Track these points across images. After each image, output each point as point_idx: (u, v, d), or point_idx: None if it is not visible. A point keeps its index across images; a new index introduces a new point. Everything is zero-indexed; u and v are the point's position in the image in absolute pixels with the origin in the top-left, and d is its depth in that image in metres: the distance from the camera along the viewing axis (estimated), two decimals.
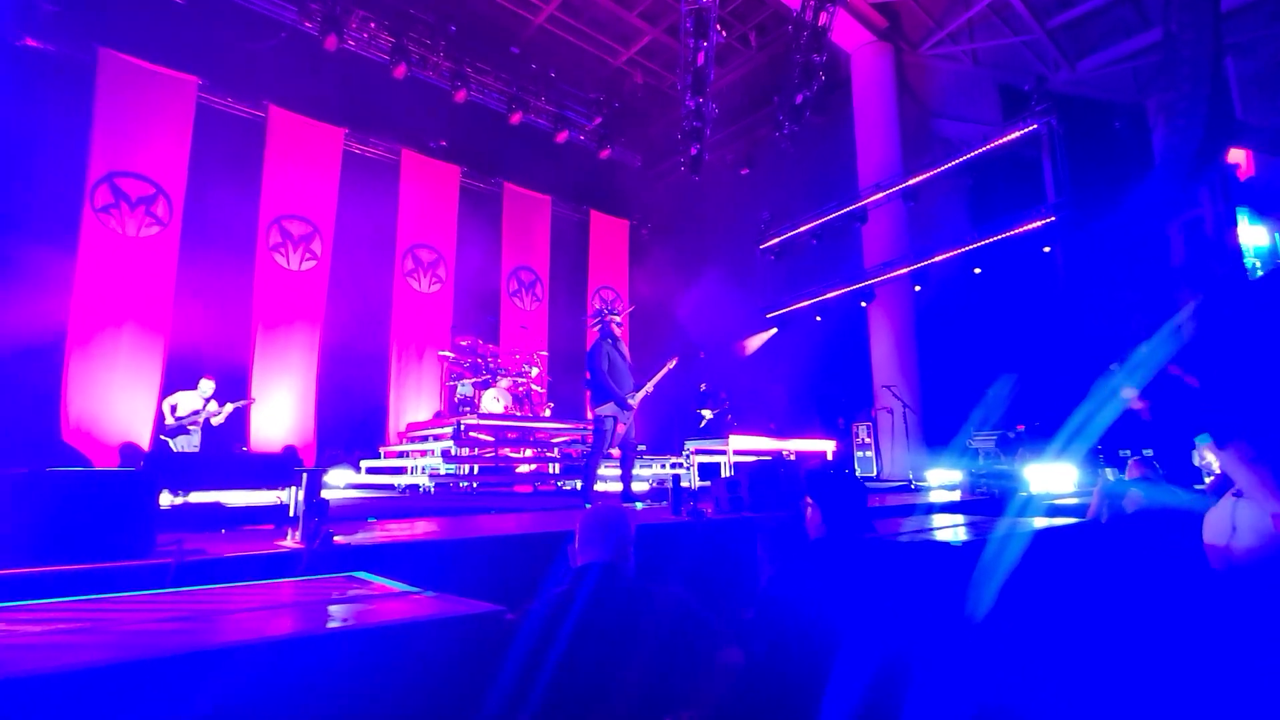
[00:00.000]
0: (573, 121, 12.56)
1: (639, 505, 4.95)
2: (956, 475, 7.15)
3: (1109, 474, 5.43)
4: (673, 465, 8.61)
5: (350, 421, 9.92)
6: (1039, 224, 8.40)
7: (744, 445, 8.11)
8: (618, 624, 1.51)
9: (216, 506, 3.65)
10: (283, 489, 3.60)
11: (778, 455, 8.11)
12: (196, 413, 7.34)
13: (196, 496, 4.59)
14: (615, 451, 5.44)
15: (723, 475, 7.29)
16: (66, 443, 7.59)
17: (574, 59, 12.32)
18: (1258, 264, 8.81)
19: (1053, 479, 5.88)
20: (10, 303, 7.42)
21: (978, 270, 9.11)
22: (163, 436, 7.25)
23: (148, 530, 2.30)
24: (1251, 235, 8.94)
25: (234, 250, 9.24)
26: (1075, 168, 8.30)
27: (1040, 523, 3.74)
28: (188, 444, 7.28)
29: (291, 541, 2.57)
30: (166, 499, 4.17)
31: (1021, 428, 7.93)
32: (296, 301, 9.68)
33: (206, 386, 7.44)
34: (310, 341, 9.71)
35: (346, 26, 9.97)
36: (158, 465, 5.98)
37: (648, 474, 8.63)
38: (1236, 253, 8.58)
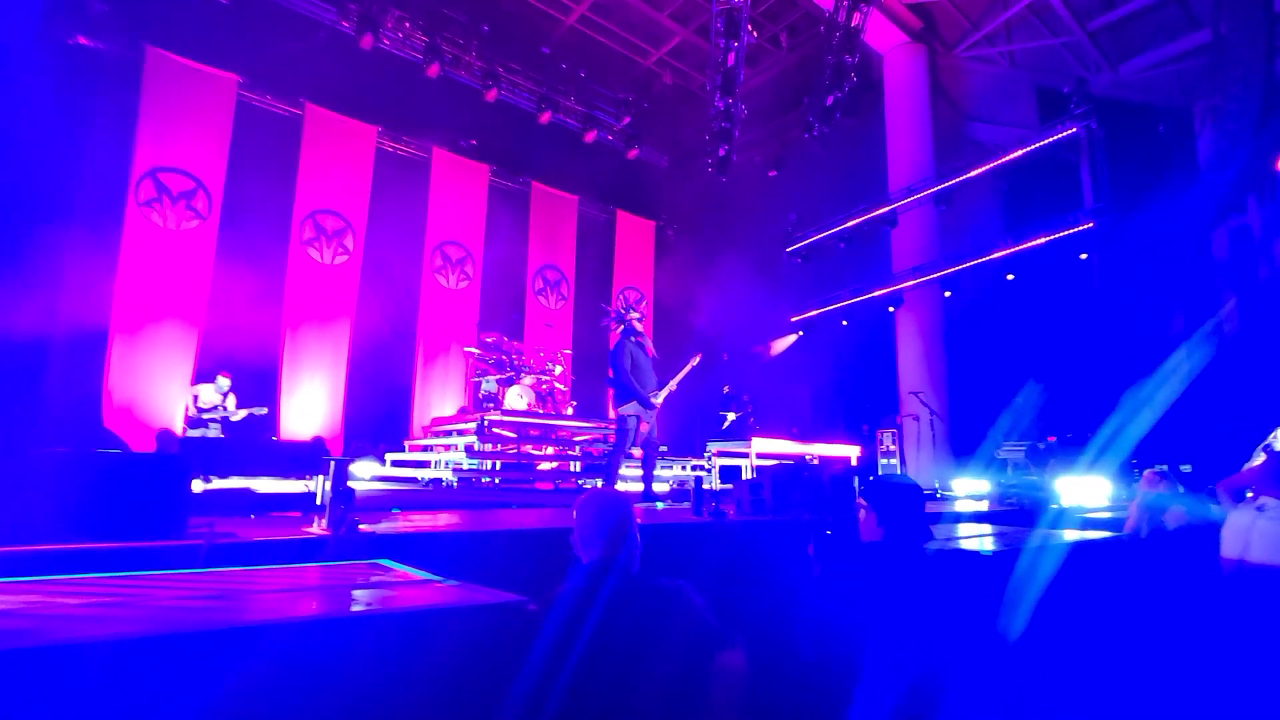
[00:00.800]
0: (601, 121, 12.60)
1: (659, 505, 4.94)
2: (984, 485, 7.00)
3: (1141, 491, 5.27)
4: (694, 467, 8.58)
5: (376, 415, 10.09)
6: (1076, 230, 8.19)
7: (766, 449, 8.05)
8: (639, 621, 1.49)
9: (247, 492, 3.75)
10: (310, 478, 3.68)
11: (800, 459, 8.03)
12: (216, 407, 7.51)
13: (228, 483, 4.71)
14: (637, 451, 5.43)
15: (744, 478, 7.24)
16: (107, 428, 7.85)
17: (604, 59, 12.36)
18: None
19: (1085, 492, 5.73)
20: (58, 292, 7.70)
21: (1010, 277, 8.91)
22: (186, 426, 7.46)
23: (181, 512, 2.36)
24: None
25: (269, 244, 9.47)
26: (1115, 172, 8.07)
27: (1073, 535, 3.63)
28: (212, 434, 7.47)
29: (318, 528, 2.62)
30: (199, 484, 4.28)
31: (1053, 439, 7.73)
32: (328, 296, 9.88)
33: (223, 383, 7.62)
34: (340, 335, 9.90)
35: (382, 26, 10.15)
36: (191, 451, 6.15)
37: (669, 475, 8.61)
38: None
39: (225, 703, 1.11)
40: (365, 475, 8.16)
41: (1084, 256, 8.20)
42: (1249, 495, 2.38)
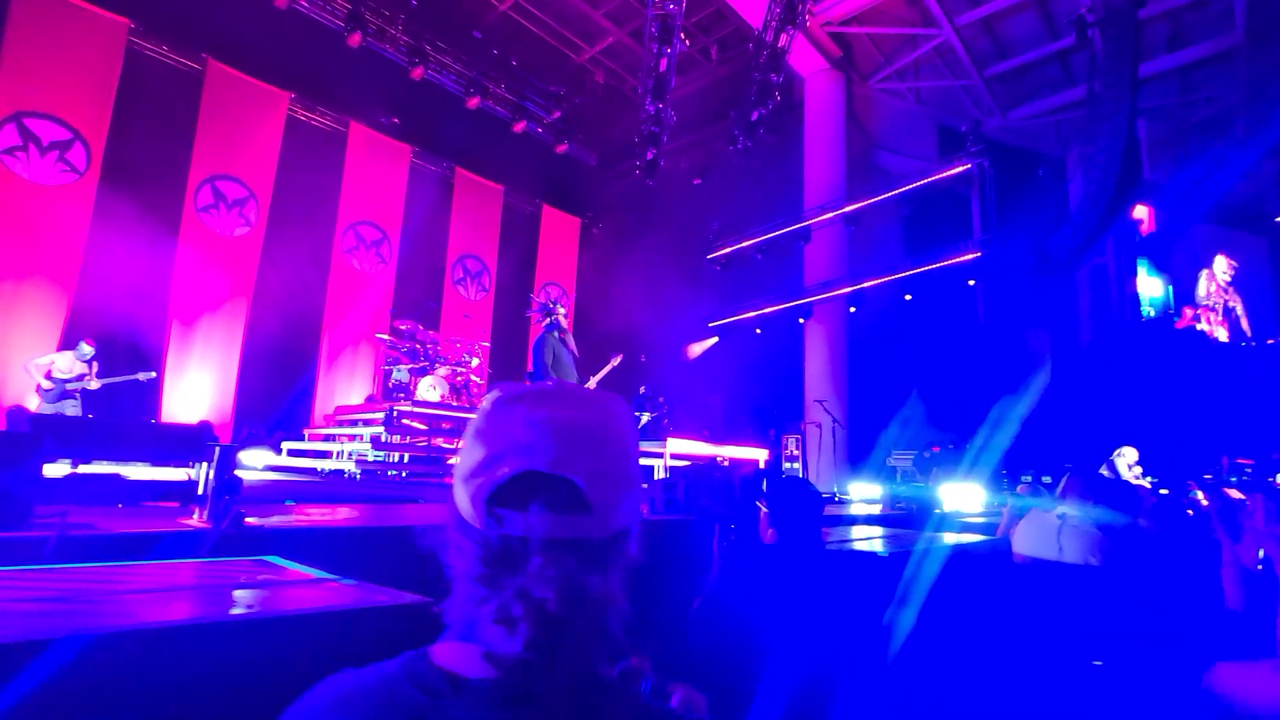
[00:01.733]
0: (531, 113, 12.40)
1: None
2: (877, 490, 7.49)
3: (1010, 497, 5.82)
4: None
5: (274, 401, 9.41)
6: (965, 258, 8.93)
7: (680, 449, 8.22)
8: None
9: (115, 479, 3.41)
10: (193, 465, 3.40)
11: (712, 461, 8.26)
12: (82, 377, 6.73)
13: (94, 468, 4.27)
14: None
15: (658, 477, 7.37)
16: None
17: (536, 50, 12.18)
18: (1151, 312, 9.68)
19: (963, 498, 6.24)
20: None
21: (909, 296, 9.59)
22: (41, 402, 6.57)
23: (25, 500, 2.12)
24: (1149, 285, 9.83)
25: (158, 208, 8.59)
26: (1001, 208, 8.89)
27: (953, 539, 3.97)
28: (70, 410, 6.66)
29: (197, 520, 2.44)
30: (59, 469, 3.86)
31: (937, 448, 8.39)
32: (225, 269, 9.13)
33: (85, 350, 6.82)
34: (236, 313, 9.19)
35: None
36: (45, 430, 5.51)
37: None
38: (1135, 300, 9.41)
39: None
40: (257, 465, 7.61)
41: (971, 283, 8.96)
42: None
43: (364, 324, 10.42)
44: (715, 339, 12.02)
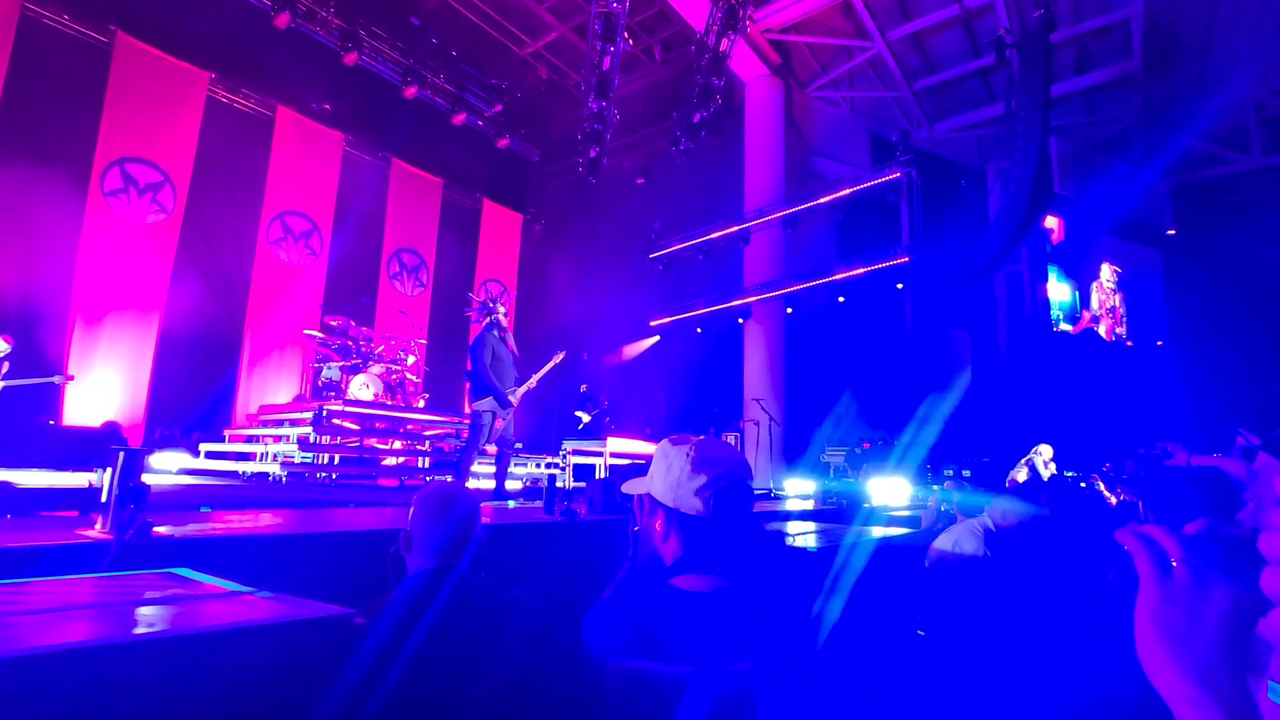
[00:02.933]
0: (472, 105, 12.14)
1: (511, 504, 4.89)
2: (810, 486, 7.75)
3: (936, 490, 6.15)
4: (548, 465, 8.57)
5: (191, 400, 8.86)
6: (894, 262, 9.35)
7: (621, 448, 8.25)
8: (472, 631, 1.37)
9: (6, 487, 3.14)
10: (95, 470, 3.16)
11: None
12: None
13: None
14: (491, 448, 5.32)
15: (598, 477, 7.37)
16: None
17: (478, 41, 11.93)
18: (1060, 315, 10.44)
19: (891, 492, 6.54)
20: None
21: (841, 299, 9.96)
22: None
23: None
24: (1057, 290, 10.59)
25: (61, 192, 7.93)
26: (927, 215, 9.35)
27: (880, 532, 4.16)
28: None
29: (99, 531, 2.28)
30: None
31: (867, 445, 8.76)
32: (136, 258, 8.52)
33: (2, 346, 6.28)
34: (150, 306, 8.60)
35: None
36: None
37: (522, 473, 8.52)
38: (1045, 304, 10.12)
39: None
40: (171, 468, 7.15)
41: (900, 286, 9.39)
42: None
43: (292, 319, 9.93)
44: (656, 338, 12.12)
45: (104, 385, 8.08)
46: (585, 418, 9.60)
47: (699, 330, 11.50)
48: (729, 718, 0.96)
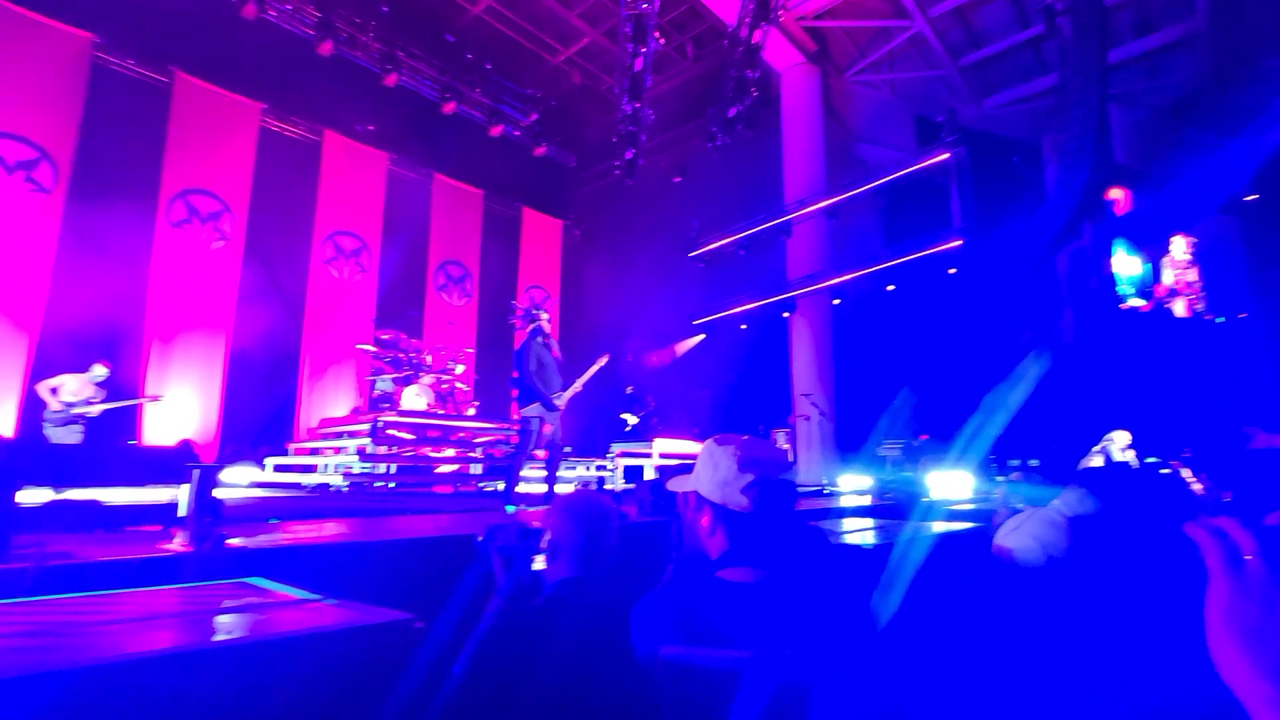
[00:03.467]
0: (508, 116, 12.35)
1: None
2: (866, 481, 7.54)
3: (1001, 482, 5.88)
4: (598, 468, 8.62)
5: (257, 417, 9.30)
6: (946, 247, 9.01)
7: (669, 449, 8.23)
8: (605, 639, 1.36)
9: (93, 505, 3.34)
10: (174, 487, 3.34)
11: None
12: (89, 401, 6.59)
13: (71, 494, 4.17)
14: (541, 453, 5.38)
15: (647, 478, 7.36)
16: None
17: (511, 53, 12.12)
18: (1130, 290, 9.84)
19: (952, 486, 6.30)
20: None
21: (891, 287, 9.66)
22: (49, 426, 6.45)
23: (2, 530, 2.07)
24: (1126, 265, 9.98)
25: (131, 225, 8.46)
26: (979, 196, 8.97)
27: (940, 527, 4.00)
28: (73, 435, 6.52)
29: (178, 544, 2.39)
30: (35, 495, 3.77)
31: (925, 437, 8.46)
32: (202, 285, 9.00)
33: (99, 371, 6.70)
34: (217, 328, 9.06)
35: None
36: (21, 457, 5.40)
37: (573, 476, 8.59)
38: (1112, 280, 9.55)
39: None
40: (242, 482, 7.51)
41: (952, 271, 9.04)
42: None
43: (347, 334, 10.31)
44: (701, 337, 12.04)
45: (179, 405, 8.55)
46: (632, 419, 9.61)
47: (743, 327, 11.36)
48: (785, 705, 0.98)
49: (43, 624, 1.40)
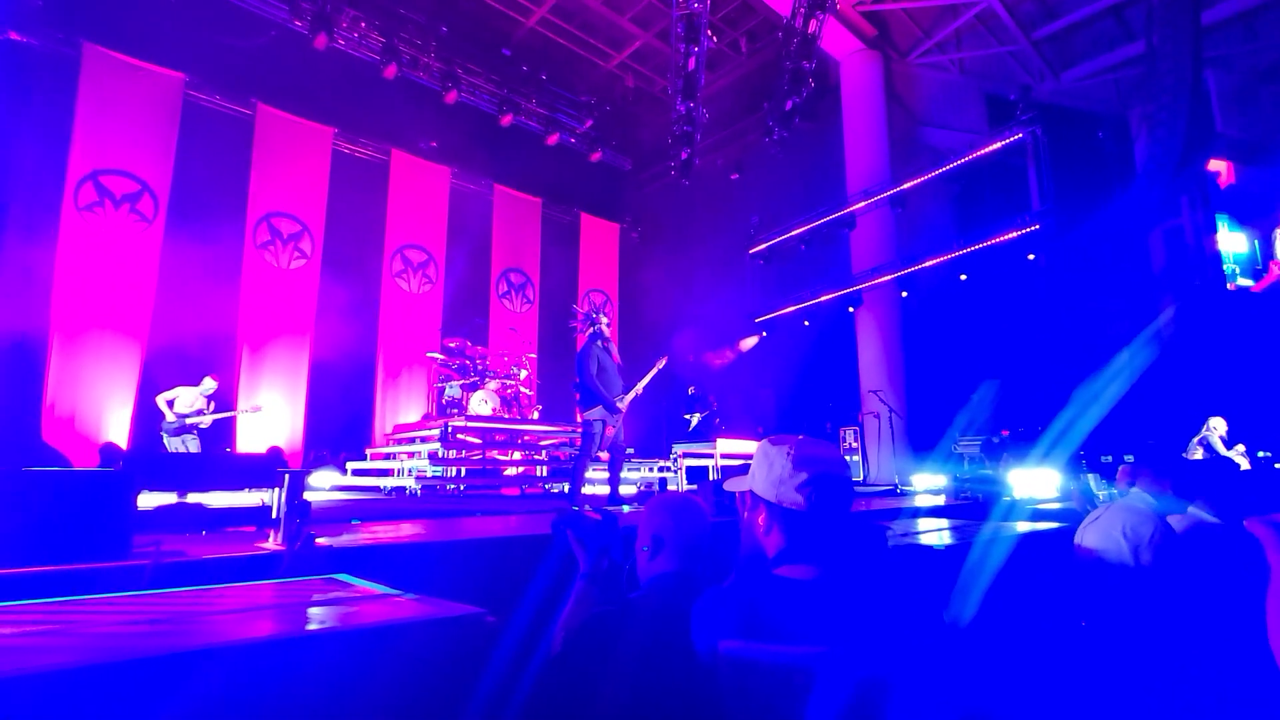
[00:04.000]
0: (564, 124, 12.57)
1: (625, 508, 4.94)
2: (941, 480, 7.21)
3: (1091, 480, 5.49)
4: (660, 469, 8.62)
5: (337, 423, 9.85)
6: (1024, 232, 8.51)
7: (731, 449, 8.12)
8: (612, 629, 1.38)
9: (198, 508, 3.61)
10: (266, 490, 3.57)
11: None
12: (201, 412, 7.18)
13: (178, 498, 4.53)
14: (604, 454, 5.43)
15: (710, 479, 7.30)
16: (46, 442, 7.47)
17: (565, 62, 12.33)
18: (1236, 269, 8.97)
19: (1036, 484, 5.94)
20: None
21: (964, 277, 9.21)
22: (165, 435, 7.05)
23: (124, 531, 2.27)
24: (1231, 242, 9.10)
25: (219, 248, 9.15)
26: (1059, 176, 8.43)
27: (1024, 527, 3.77)
28: (188, 444, 7.09)
29: (273, 543, 2.55)
30: (148, 500, 4.11)
31: (1006, 433, 8.01)
32: (286, 301, 9.61)
33: (209, 385, 7.27)
34: (300, 342, 9.64)
35: (337, 25, 9.94)
36: (137, 466, 5.90)
37: (636, 477, 8.63)
38: (1216, 259, 8.74)
39: None
40: (325, 485, 7.95)
41: (1031, 257, 8.53)
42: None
43: (416, 343, 10.76)
44: (763, 334, 11.84)
45: (268, 414, 9.14)
46: (694, 420, 9.56)
47: (806, 323, 11.10)
48: (863, 701, 0.98)
49: (162, 614, 1.55)
